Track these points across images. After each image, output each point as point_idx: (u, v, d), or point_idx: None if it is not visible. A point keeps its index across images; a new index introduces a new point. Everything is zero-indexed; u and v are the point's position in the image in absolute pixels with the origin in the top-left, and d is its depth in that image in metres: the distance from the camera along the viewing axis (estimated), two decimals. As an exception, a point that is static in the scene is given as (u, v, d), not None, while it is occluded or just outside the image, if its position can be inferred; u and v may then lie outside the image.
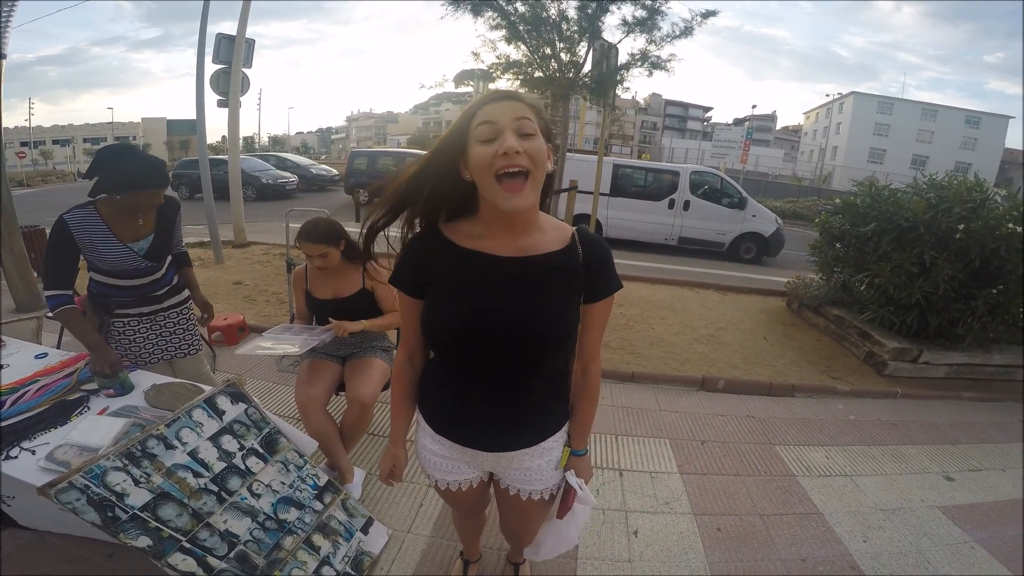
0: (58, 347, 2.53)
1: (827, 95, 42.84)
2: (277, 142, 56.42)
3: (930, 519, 2.23)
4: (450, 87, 7.04)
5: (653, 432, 2.78)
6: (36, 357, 1.95)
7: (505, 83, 5.41)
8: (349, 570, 1.63)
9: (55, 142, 50.39)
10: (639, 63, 4.85)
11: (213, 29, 6.16)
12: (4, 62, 4.07)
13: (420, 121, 64.49)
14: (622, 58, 4.82)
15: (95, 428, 1.46)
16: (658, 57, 4.78)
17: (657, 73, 4.93)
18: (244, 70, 6.47)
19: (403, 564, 1.76)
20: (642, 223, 9.08)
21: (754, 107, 36.73)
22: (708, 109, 57.62)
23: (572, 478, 1.14)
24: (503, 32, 4.77)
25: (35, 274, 4.65)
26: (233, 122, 6.70)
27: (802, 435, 2.88)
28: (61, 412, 1.53)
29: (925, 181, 4.15)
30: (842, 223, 4.52)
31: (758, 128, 36.51)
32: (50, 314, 1.78)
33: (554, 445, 1.10)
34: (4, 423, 1.46)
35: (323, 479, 1.74)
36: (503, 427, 1.03)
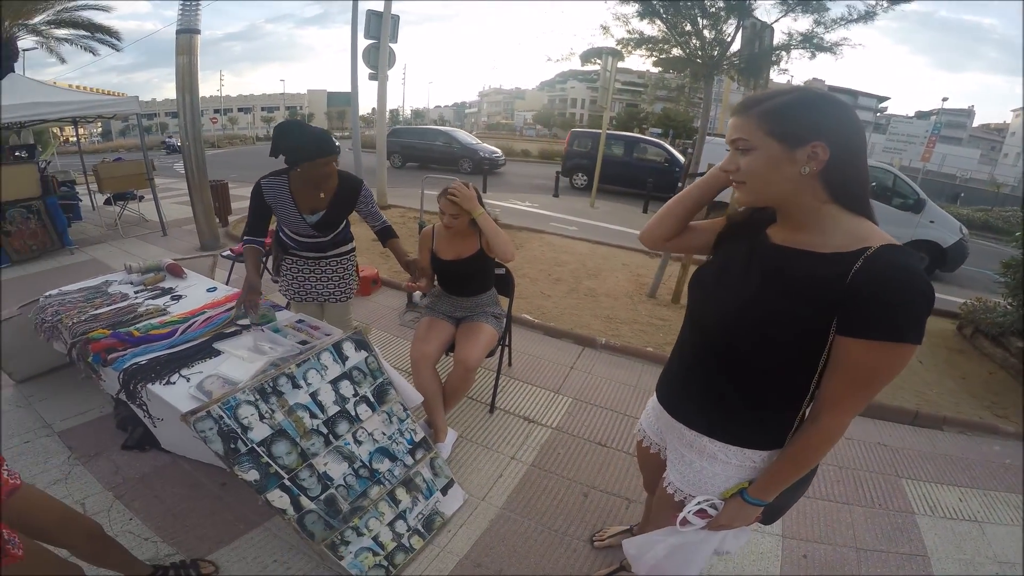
0: (227, 283, 3.02)
1: (1047, 90, 33.63)
2: (418, 115, 60.27)
3: (1049, 577, 1.82)
4: (576, 63, 6.88)
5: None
6: (207, 291, 2.34)
7: (637, 60, 5.08)
8: (420, 527, 1.72)
9: (239, 110, 59.67)
10: (801, 44, 4.17)
11: (364, 6, 6.64)
12: (199, 38, 4.81)
13: (546, 98, 64.17)
14: (779, 37, 4.21)
15: (240, 363, 1.66)
16: (822, 39, 4.07)
17: (821, 56, 4.23)
18: (391, 45, 6.94)
19: (469, 530, 1.82)
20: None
21: (945, 100, 30.19)
22: (883, 99, 49.49)
23: (692, 507, 1.02)
24: (636, 6, 4.41)
25: (216, 220, 5.59)
26: (381, 95, 7.26)
27: (938, 472, 2.47)
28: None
29: None
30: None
31: (948, 124, 30.24)
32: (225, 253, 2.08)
33: (721, 455, 0.99)
34: (173, 350, 1.74)
35: (419, 435, 1.83)
36: (684, 393, 1.07)
